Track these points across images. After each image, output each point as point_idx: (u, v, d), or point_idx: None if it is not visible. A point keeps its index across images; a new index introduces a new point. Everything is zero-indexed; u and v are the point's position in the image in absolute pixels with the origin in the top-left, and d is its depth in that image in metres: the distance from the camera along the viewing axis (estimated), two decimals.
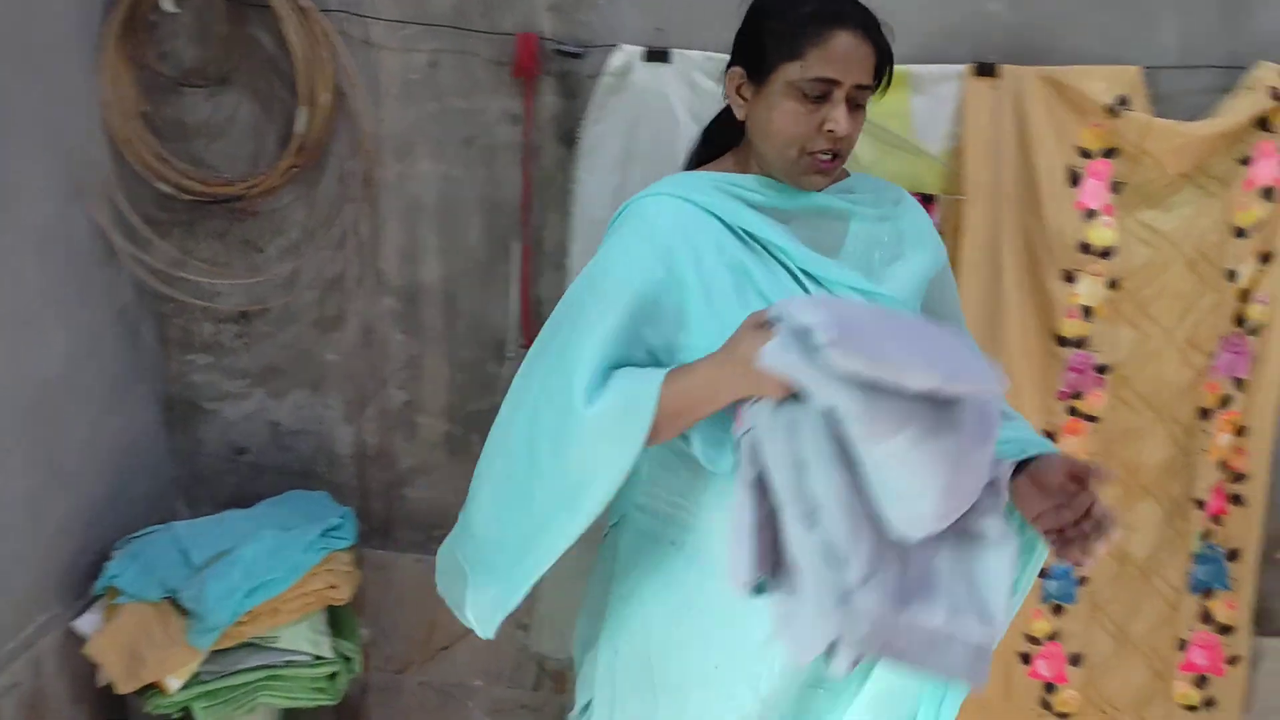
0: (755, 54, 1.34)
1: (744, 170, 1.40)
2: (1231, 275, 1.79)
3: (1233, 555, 1.94)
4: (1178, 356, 1.84)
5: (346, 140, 2.04)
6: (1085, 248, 1.81)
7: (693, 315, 1.30)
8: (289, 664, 1.91)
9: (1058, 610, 1.99)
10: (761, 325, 1.18)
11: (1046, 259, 1.83)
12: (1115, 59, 1.76)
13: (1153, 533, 1.94)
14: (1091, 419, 1.89)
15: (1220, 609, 1.96)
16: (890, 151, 1.85)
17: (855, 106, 1.32)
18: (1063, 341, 1.86)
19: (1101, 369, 1.86)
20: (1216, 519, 1.94)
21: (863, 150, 1.86)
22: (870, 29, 1.32)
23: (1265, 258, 1.80)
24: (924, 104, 1.82)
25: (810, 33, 1.30)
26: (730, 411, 1.22)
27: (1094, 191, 1.79)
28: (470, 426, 2.17)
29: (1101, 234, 1.80)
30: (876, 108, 1.83)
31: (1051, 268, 1.83)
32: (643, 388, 1.24)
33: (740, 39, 1.38)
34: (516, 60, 1.93)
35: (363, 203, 2.07)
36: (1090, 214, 1.80)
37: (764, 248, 1.34)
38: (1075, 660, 2.01)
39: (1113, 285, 1.82)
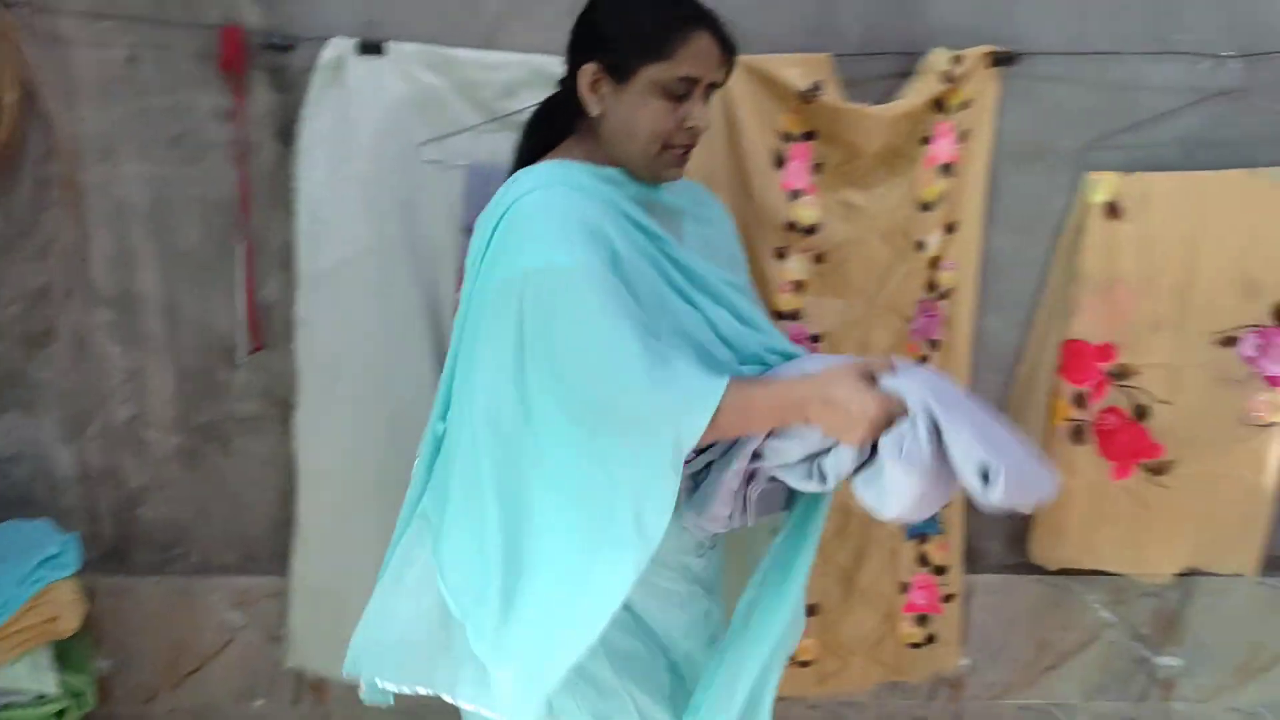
0: (615, 53, 1.36)
1: (597, 163, 1.40)
2: (920, 245, 1.95)
3: None
4: (880, 322, 1.98)
5: (40, 143, 1.90)
6: (792, 226, 1.92)
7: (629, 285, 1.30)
8: (8, 705, 1.77)
9: None
10: (868, 377, 1.24)
11: (760, 238, 1.92)
12: (808, 47, 1.87)
13: None
14: None
15: (935, 552, 2.13)
16: None
17: (706, 100, 1.39)
18: (780, 315, 1.96)
19: (815, 338, 1.98)
20: None
21: None
22: (723, 28, 1.39)
23: (950, 228, 1.96)
24: None
25: (676, 35, 1.34)
26: None
27: (797, 172, 1.89)
28: (204, 438, 2.07)
29: (807, 212, 1.91)
30: None
31: (765, 246, 1.92)
32: (709, 384, 1.24)
33: (593, 36, 1.39)
34: (221, 54, 1.85)
35: (64, 208, 1.93)
36: (795, 194, 1.90)
37: (647, 238, 1.37)
38: (811, 610, 2.13)
39: (819, 260, 1.93)
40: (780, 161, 1.90)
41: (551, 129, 1.46)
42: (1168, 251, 1.92)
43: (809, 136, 1.88)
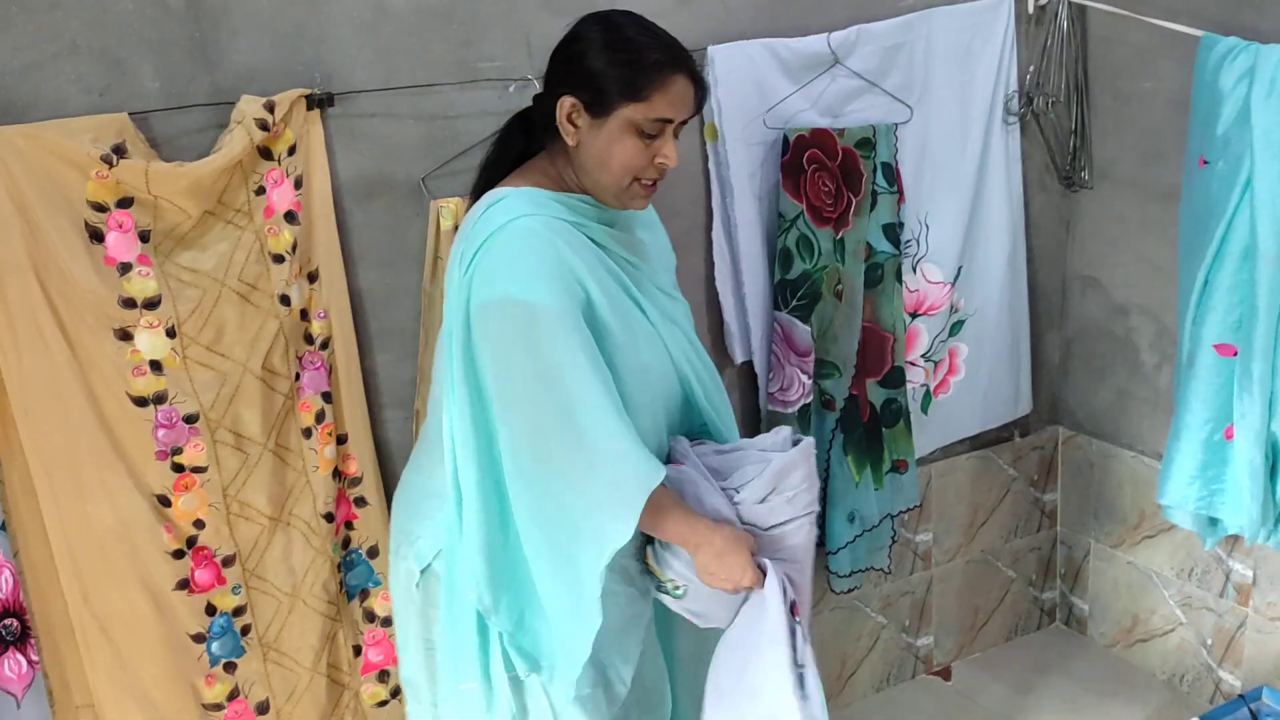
0: (593, 90, 1.45)
1: (561, 187, 1.52)
2: (285, 299, 1.81)
3: (372, 553, 1.99)
4: (262, 387, 1.81)
5: None
6: (130, 303, 1.69)
7: (605, 326, 1.46)
8: None
9: (230, 668, 1.87)
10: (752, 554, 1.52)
11: (93, 323, 1.66)
12: (99, 109, 1.65)
13: (298, 559, 1.91)
14: (200, 470, 1.79)
15: (379, 604, 2.01)
16: None
17: (675, 138, 1.50)
18: (141, 402, 1.72)
19: (191, 418, 1.76)
20: (349, 525, 1.98)
21: None
22: (697, 69, 1.50)
23: (311, 276, 1.85)
24: None
25: (654, 78, 1.44)
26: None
27: (122, 244, 1.66)
28: None
29: (144, 285, 1.69)
30: None
31: (101, 330, 1.67)
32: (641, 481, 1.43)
33: (575, 70, 1.47)
34: None
35: None
36: (126, 267, 1.68)
37: (615, 261, 1.51)
38: (263, 709, 1.91)
39: (171, 333, 1.73)
40: (99, 236, 1.66)
41: (524, 143, 1.56)
42: None
43: (125, 204, 1.66)
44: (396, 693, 2.05)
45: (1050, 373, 2.75)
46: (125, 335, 1.69)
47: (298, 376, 1.86)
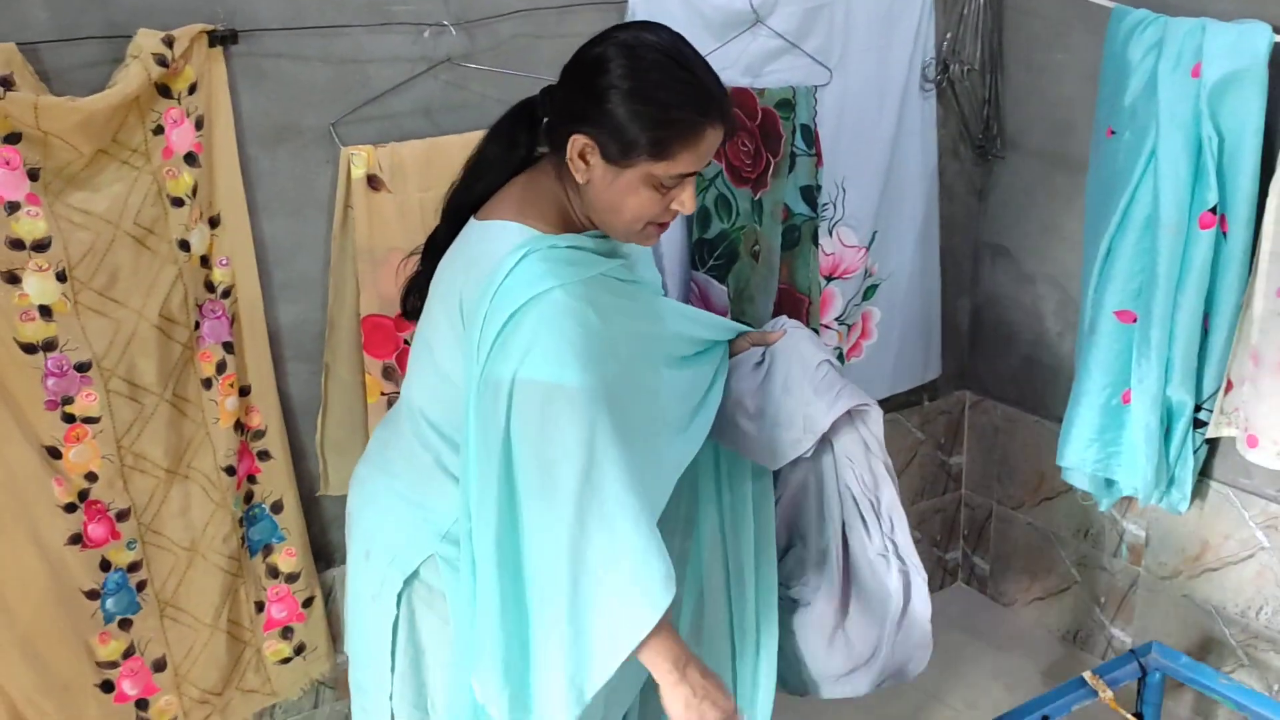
0: (614, 138, 1.32)
1: (569, 224, 1.43)
2: (185, 245, 1.74)
3: (276, 507, 1.94)
4: (158, 335, 1.74)
5: None
6: (18, 244, 1.60)
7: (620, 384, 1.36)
8: None
9: (125, 625, 1.81)
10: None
11: None
12: None
13: (197, 514, 1.85)
14: (92, 420, 1.71)
15: (283, 560, 1.97)
16: None
17: None
18: (30, 349, 1.64)
19: (82, 367, 1.69)
20: (252, 479, 1.92)
21: None
22: (730, 117, 1.37)
23: (213, 222, 1.78)
24: None
25: (683, 135, 1.31)
26: None
27: (9, 182, 1.57)
28: None
29: (33, 226, 1.60)
30: None
31: None
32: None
33: (597, 109, 1.32)
34: None
35: None
36: (13, 206, 1.59)
37: (630, 300, 1.45)
38: (160, 666, 1.85)
39: (62, 278, 1.65)
40: None
41: (528, 149, 1.46)
42: (426, 216, 1.94)
43: (13, 140, 1.57)
44: (301, 650, 2.01)
45: (959, 339, 2.79)
46: (13, 279, 1.61)
47: (197, 325, 1.79)
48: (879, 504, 1.75)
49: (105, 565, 1.77)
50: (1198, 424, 2.20)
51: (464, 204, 1.51)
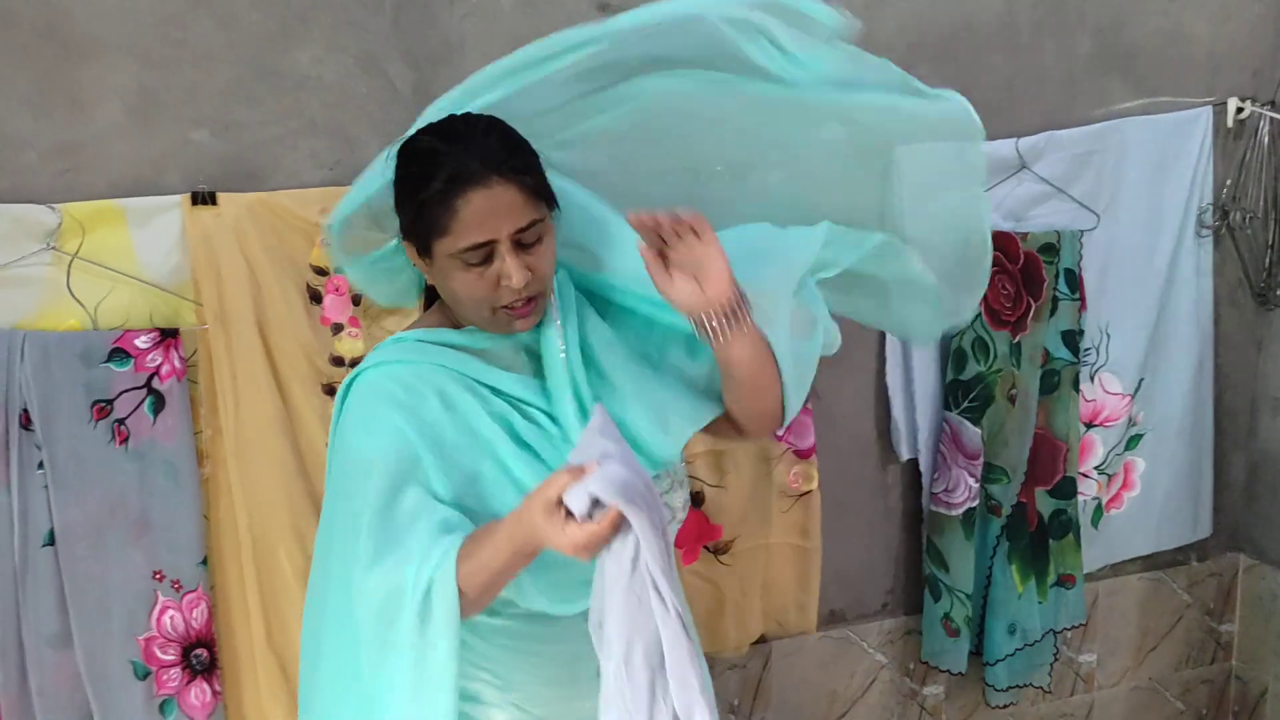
0: (412, 231, 1.27)
1: (451, 323, 1.34)
2: None
3: None
4: None
5: None
6: (339, 360, 1.80)
7: (433, 466, 1.25)
8: None
9: None
10: (554, 506, 1.12)
11: (305, 377, 1.78)
12: (329, 181, 1.79)
13: None
14: None
15: None
16: (122, 288, 1.71)
17: (527, 245, 1.25)
18: None
19: None
20: None
21: (90, 289, 1.69)
22: (502, 169, 1.23)
23: None
24: (145, 237, 1.70)
25: (445, 206, 1.22)
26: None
27: (336, 306, 1.79)
28: None
29: (352, 345, 1.81)
30: (98, 245, 1.69)
31: (311, 384, 1.79)
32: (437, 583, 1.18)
33: (397, 210, 1.29)
34: None
35: None
36: (338, 327, 1.80)
37: (486, 389, 1.30)
38: None
39: None
40: (317, 298, 1.79)
41: None
42: None
43: (342, 270, 1.79)
44: None
45: (1233, 496, 2.60)
46: (330, 390, 1.81)
47: None
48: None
49: None
50: None
51: None
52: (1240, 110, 2.34)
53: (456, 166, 1.23)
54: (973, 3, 2.14)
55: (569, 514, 1.11)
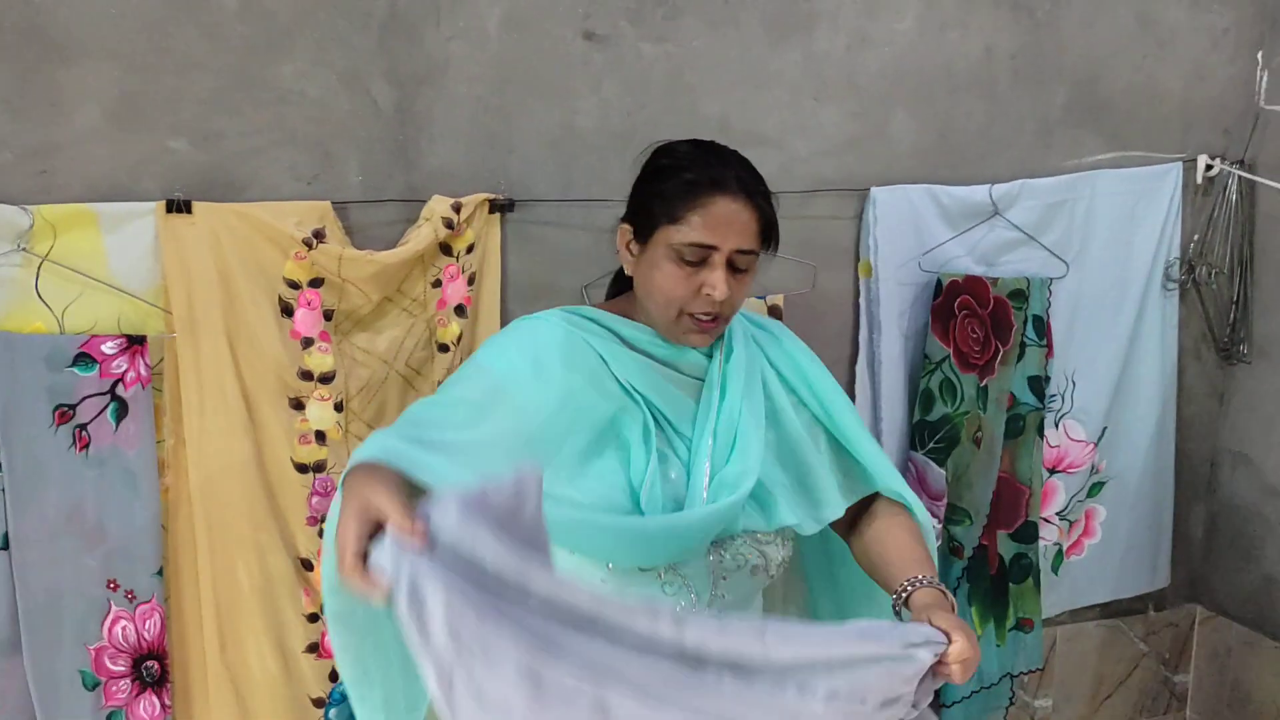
0: (642, 214, 1.37)
1: (632, 317, 1.41)
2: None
3: None
4: None
5: None
6: (308, 375, 1.80)
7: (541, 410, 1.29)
8: None
9: None
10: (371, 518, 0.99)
11: (271, 390, 1.77)
12: (306, 195, 1.79)
13: None
14: None
15: None
16: (91, 292, 1.69)
17: (738, 270, 1.34)
18: (302, 469, 1.82)
19: None
20: None
21: (59, 292, 1.68)
22: (753, 194, 1.34)
23: None
24: (117, 242, 1.68)
25: (690, 199, 1.32)
26: None
27: (308, 320, 1.78)
28: None
29: (321, 360, 1.80)
30: (69, 248, 1.68)
31: (277, 398, 1.78)
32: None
33: (632, 196, 1.41)
34: None
35: None
36: (308, 341, 1.79)
37: (631, 394, 1.35)
38: None
39: (339, 408, 1.82)
40: (288, 311, 1.78)
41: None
42: None
43: (316, 283, 1.78)
44: None
45: (1192, 548, 2.63)
46: (298, 405, 1.80)
47: None
48: None
49: (334, 676, 1.89)
50: None
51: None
52: (1210, 167, 2.39)
53: (715, 174, 1.34)
54: (952, 50, 2.18)
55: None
